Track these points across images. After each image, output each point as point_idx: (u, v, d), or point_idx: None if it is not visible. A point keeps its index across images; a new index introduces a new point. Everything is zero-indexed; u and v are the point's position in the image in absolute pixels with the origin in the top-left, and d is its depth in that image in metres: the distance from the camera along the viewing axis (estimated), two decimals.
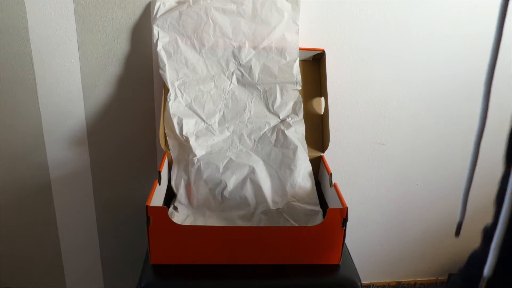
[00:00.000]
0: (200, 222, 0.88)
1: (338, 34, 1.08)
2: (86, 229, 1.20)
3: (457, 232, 0.47)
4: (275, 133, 0.96)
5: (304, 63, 1.05)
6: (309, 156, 0.95)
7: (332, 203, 0.85)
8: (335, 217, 0.77)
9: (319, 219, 0.88)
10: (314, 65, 1.06)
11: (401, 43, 1.11)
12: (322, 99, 1.04)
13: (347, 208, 0.76)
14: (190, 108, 0.95)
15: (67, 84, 1.04)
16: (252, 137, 0.97)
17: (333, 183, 0.87)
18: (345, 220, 0.77)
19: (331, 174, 0.90)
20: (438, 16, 1.10)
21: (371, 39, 1.10)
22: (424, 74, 1.16)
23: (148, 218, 0.74)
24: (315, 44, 1.06)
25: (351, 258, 0.84)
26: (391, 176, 1.28)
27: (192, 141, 0.92)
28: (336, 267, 0.81)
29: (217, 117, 0.97)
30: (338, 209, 0.76)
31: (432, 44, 1.12)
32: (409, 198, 1.32)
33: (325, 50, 1.03)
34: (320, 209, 0.90)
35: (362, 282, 0.79)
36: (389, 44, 1.11)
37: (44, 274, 1.24)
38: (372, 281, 1.45)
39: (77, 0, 0.96)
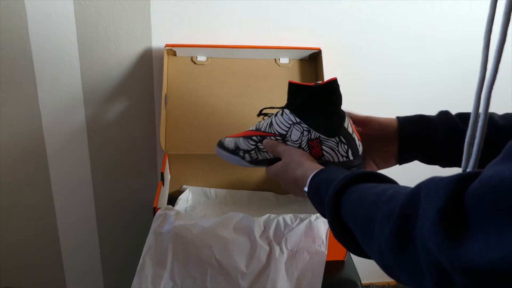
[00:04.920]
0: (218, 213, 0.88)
1: (335, 33, 1.08)
2: (86, 229, 1.20)
3: None
4: None
5: (301, 62, 1.06)
6: None
7: None
8: None
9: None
10: (311, 64, 1.06)
11: (399, 43, 1.12)
12: None
13: None
14: None
15: (67, 84, 1.04)
16: None
17: None
18: None
19: None
20: (437, 16, 1.10)
21: (368, 38, 1.10)
22: (422, 74, 1.16)
23: None
24: (311, 43, 1.06)
25: (351, 258, 0.84)
26: (391, 176, 1.27)
27: None
28: (337, 267, 0.81)
29: None
30: None
31: (431, 44, 1.12)
32: None
33: (321, 49, 1.03)
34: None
35: (362, 282, 0.79)
36: (386, 43, 1.11)
37: (44, 274, 1.24)
38: (372, 281, 1.45)
39: (77, 0, 0.96)
